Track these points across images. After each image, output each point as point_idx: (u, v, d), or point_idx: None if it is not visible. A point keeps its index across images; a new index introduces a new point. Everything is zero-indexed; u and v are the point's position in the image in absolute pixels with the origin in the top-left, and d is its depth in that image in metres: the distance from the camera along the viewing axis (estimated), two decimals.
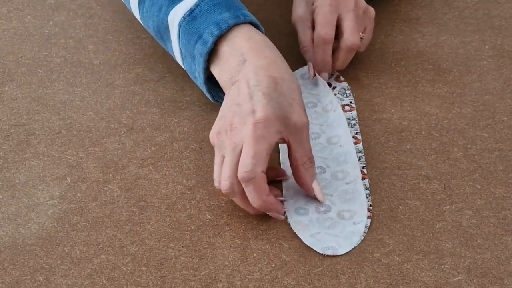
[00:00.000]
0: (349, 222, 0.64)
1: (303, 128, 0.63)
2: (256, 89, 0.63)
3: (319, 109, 0.77)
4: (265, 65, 0.65)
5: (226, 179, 0.62)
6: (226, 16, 0.68)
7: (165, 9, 0.72)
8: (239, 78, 0.65)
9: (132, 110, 0.78)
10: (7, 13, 0.94)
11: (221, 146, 0.63)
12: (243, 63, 0.66)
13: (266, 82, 0.63)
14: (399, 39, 0.89)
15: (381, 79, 0.82)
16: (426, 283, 0.59)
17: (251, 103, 0.62)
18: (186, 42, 0.70)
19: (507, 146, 0.73)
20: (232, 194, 0.63)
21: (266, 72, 0.64)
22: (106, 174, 0.70)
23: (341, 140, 0.72)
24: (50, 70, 0.84)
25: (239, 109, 0.62)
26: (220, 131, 0.63)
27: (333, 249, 0.62)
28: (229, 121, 0.63)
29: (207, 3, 0.70)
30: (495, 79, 0.82)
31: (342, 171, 0.69)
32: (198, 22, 0.69)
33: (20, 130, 0.75)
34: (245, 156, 0.61)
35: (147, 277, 0.60)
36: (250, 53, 0.66)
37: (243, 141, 0.61)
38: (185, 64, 0.73)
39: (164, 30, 0.74)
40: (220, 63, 0.68)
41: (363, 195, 0.66)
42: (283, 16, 0.92)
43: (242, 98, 0.63)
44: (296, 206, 0.66)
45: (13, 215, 0.66)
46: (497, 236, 0.63)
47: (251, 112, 0.61)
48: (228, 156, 0.62)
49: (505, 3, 0.96)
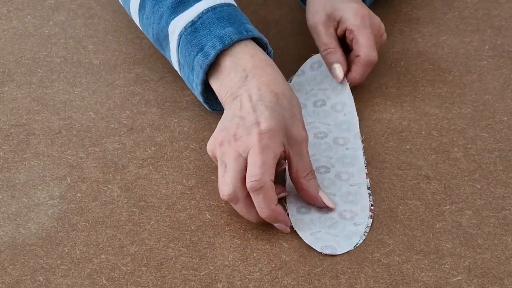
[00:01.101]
0: (350, 222, 0.64)
1: (303, 141, 0.64)
2: (258, 103, 0.64)
3: (328, 107, 0.76)
4: (267, 81, 0.66)
5: (228, 184, 0.61)
6: (230, 31, 0.68)
7: (166, 18, 0.72)
8: (241, 93, 0.65)
9: (132, 110, 0.78)
10: (7, 13, 0.94)
11: (223, 157, 0.63)
12: (245, 79, 0.66)
13: (268, 97, 0.64)
14: (399, 39, 0.89)
15: (381, 79, 0.82)
16: (426, 283, 0.59)
17: (255, 115, 0.62)
18: (186, 53, 0.70)
19: (507, 146, 0.73)
20: (235, 200, 0.62)
21: (268, 88, 0.65)
22: (106, 174, 0.70)
23: (348, 142, 0.72)
24: (50, 70, 0.84)
25: (242, 121, 0.63)
26: (222, 142, 0.63)
27: (332, 248, 0.62)
28: (232, 133, 0.62)
29: (210, 16, 0.70)
30: (495, 79, 0.82)
31: (347, 172, 0.69)
32: (200, 34, 0.69)
33: (20, 130, 0.75)
34: (252, 166, 0.60)
35: (147, 277, 0.60)
36: (253, 70, 0.67)
37: (248, 151, 0.61)
38: (183, 73, 0.73)
39: (163, 39, 0.74)
40: (220, 77, 0.68)
41: (366, 199, 0.66)
42: (283, 16, 0.92)
43: (245, 111, 0.63)
44: (298, 204, 0.66)
45: (13, 215, 0.66)
46: (497, 236, 0.63)
47: (255, 124, 0.62)
48: (231, 164, 0.61)
49: (505, 3, 0.96)
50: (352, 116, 0.75)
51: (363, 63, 0.76)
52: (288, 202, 0.66)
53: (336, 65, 0.77)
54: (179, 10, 0.71)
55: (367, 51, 0.75)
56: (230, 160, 0.62)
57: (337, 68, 0.77)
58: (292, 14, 0.93)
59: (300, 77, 0.81)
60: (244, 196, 0.62)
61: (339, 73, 0.77)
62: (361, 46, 0.75)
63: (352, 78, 0.77)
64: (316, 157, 0.70)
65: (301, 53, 0.86)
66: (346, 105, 0.76)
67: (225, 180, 0.62)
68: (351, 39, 0.77)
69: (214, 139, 0.64)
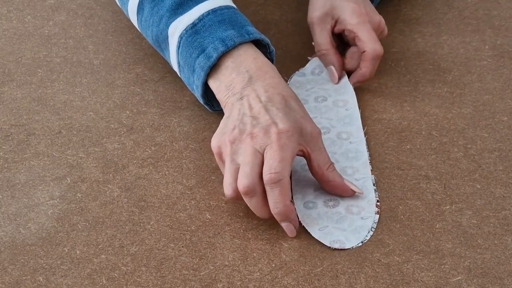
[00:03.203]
0: (357, 216, 0.65)
1: (318, 136, 0.65)
2: (269, 104, 0.65)
3: (329, 103, 0.77)
4: (272, 84, 0.66)
5: (248, 176, 0.61)
6: (232, 34, 0.69)
7: (165, 20, 0.72)
8: (247, 93, 0.66)
9: (132, 110, 0.78)
10: (7, 13, 0.94)
11: (235, 154, 0.63)
12: (249, 80, 0.67)
13: (277, 99, 0.65)
14: (399, 39, 0.89)
15: (381, 79, 0.82)
16: (426, 283, 0.59)
17: (269, 116, 0.63)
18: (187, 55, 0.71)
19: (507, 146, 0.73)
20: (252, 193, 0.62)
21: (275, 90, 0.66)
22: (106, 174, 0.70)
23: (352, 137, 0.73)
24: (50, 70, 0.84)
25: (256, 121, 0.63)
26: (235, 140, 0.63)
27: (340, 243, 0.62)
28: (248, 131, 0.63)
29: (211, 19, 0.70)
30: (495, 79, 0.82)
31: (352, 167, 0.69)
32: (201, 36, 0.70)
33: (20, 130, 0.75)
34: (271, 160, 0.61)
35: (147, 277, 0.60)
36: (257, 72, 0.67)
37: (265, 148, 0.62)
38: (183, 75, 0.73)
39: (162, 41, 0.74)
40: (221, 77, 0.69)
41: (372, 193, 0.67)
42: (283, 16, 0.92)
43: (256, 111, 0.64)
44: (305, 200, 0.66)
45: (13, 215, 0.66)
46: (497, 236, 0.63)
47: (272, 123, 0.63)
48: (249, 158, 0.62)
49: (505, 3, 0.96)
50: (354, 111, 0.76)
51: (370, 57, 0.77)
52: (295, 198, 0.66)
53: (329, 67, 0.79)
54: (179, 12, 0.72)
55: (372, 46, 0.76)
56: (247, 155, 0.62)
57: (330, 70, 0.79)
58: (292, 14, 0.93)
59: (301, 77, 0.81)
60: (261, 190, 0.62)
61: (332, 75, 0.79)
62: (364, 42, 0.76)
63: (362, 74, 0.78)
64: None
65: (301, 53, 0.86)
66: (348, 102, 0.77)
67: (244, 173, 0.61)
68: (353, 37, 0.78)
69: (223, 136, 0.64)
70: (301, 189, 0.67)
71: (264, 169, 0.61)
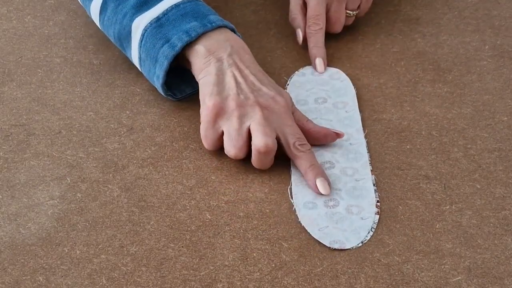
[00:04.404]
0: (357, 217, 0.65)
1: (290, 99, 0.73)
2: (264, 78, 0.72)
3: (329, 104, 0.77)
4: (251, 59, 0.73)
5: (269, 135, 0.66)
6: (195, 25, 0.72)
7: (129, 16, 0.75)
8: (233, 62, 0.71)
9: (132, 110, 0.78)
10: (7, 13, 0.94)
11: (244, 116, 0.67)
12: (231, 48, 0.72)
13: (262, 75, 0.72)
14: (399, 39, 0.89)
15: (381, 79, 0.82)
16: (426, 283, 0.59)
17: (268, 89, 0.70)
18: (150, 46, 0.73)
19: (507, 146, 0.73)
20: (272, 151, 0.67)
21: (257, 66, 0.73)
22: (106, 174, 0.70)
23: (352, 138, 0.73)
24: (50, 70, 0.84)
25: (258, 93, 0.69)
26: (242, 104, 0.68)
27: (340, 243, 0.62)
28: (253, 100, 0.68)
29: (175, 13, 0.73)
30: (495, 79, 0.82)
31: (352, 167, 0.69)
32: (165, 28, 0.73)
33: (20, 130, 0.75)
34: (291, 128, 0.68)
35: (147, 277, 0.60)
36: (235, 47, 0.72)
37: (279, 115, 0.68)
38: (143, 69, 0.75)
39: (125, 37, 0.76)
40: (205, 43, 0.72)
41: (372, 194, 0.67)
42: (283, 16, 0.92)
43: (250, 84, 0.70)
44: (304, 200, 0.66)
45: (13, 215, 0.66)
46: (497, 236, 0.63)
47: (274, 95, 0.70)
48: (263, 121, 0.67)
49: (505, 3, 0.96)
50: (355, 113, 0.76)
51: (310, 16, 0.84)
52: (295, 197, 0.66)
53: (297, 30, 0.86)
54: (143, 9, 0.74)
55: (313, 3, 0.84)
56: (261, 118, 0.67)
57: (297, 33, 0.85)
58: None
59: (301, 77, 0.81)
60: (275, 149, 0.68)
61: (298, 36, 0.85)
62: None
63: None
64: (320, 153, 0.71)
65: (301, 53, 0.86)
66: (348, 104, 0.77)
67: (265, 132, 0.66)
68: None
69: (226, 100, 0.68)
70: (301, 189, 0.67)
71: (288, 137, 0.68)
